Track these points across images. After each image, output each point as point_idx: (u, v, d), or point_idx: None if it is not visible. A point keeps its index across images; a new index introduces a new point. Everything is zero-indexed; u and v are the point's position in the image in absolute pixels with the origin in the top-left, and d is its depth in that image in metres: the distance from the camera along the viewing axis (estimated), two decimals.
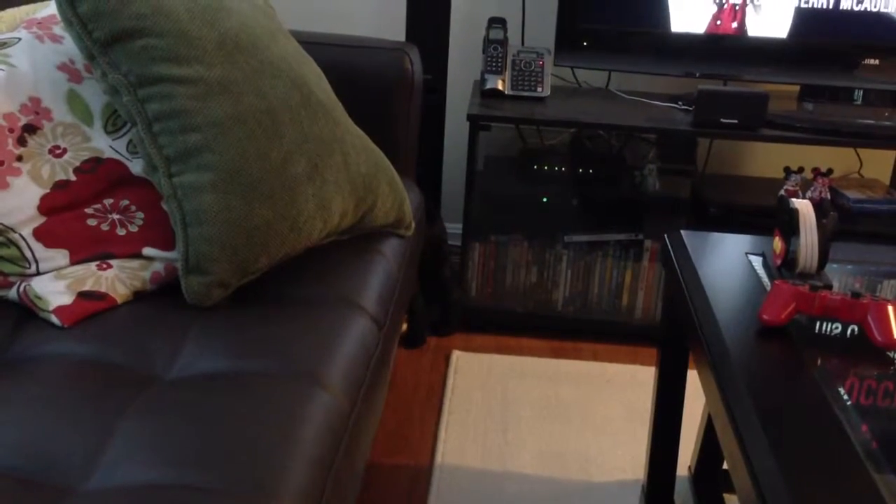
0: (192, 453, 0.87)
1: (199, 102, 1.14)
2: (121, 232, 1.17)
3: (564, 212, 2.17)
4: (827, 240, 1.15)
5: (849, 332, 1.06)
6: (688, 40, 2.07)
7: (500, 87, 2.08)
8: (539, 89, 2.10)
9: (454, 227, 2.25)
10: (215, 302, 1.15)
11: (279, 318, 1.14)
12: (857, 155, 2.31)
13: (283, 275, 1.24)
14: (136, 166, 1.20)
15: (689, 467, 1.56)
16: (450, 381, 1.88)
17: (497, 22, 2.09)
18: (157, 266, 1.17)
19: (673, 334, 1.37)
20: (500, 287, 2.14)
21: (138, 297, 1.15)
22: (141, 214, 1.18)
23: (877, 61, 2.06)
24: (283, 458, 0.88)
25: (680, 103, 2.10)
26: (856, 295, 1.02)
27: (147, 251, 1.17)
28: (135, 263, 1.16)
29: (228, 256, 1.13)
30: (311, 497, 0.87)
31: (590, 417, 1.78)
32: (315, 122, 1.27)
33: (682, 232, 1.34)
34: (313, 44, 1.51)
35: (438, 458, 1.62)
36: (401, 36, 2.01)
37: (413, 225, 1.52)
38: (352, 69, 1.61)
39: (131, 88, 1.14)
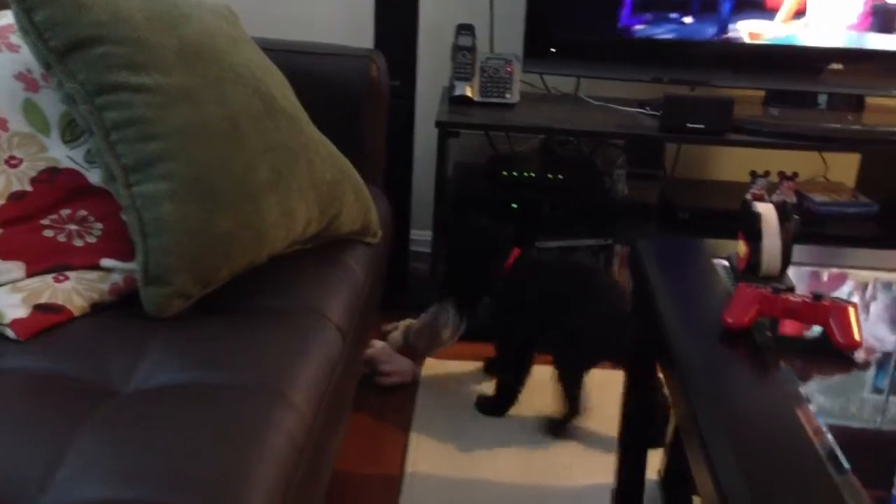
0: (150, 468, 0.85)
1: (159, 111, 1.12)
2: (78, 243, 1.15)
3: (535, 218, 2.17)
4: (790, 243, 1.16)
5: (811, 334, 1.06)
6: (655, 46, 2.09)
7: (468, 93, 2.08)
8: (508, 95, 2.10)
9: (424, 234, 2.25)
10: (176, 313, 1.13)
11: (242, 329, 1.12)
12: (823, 159, 2.33)
13: (246, 285, 1.22)
14: (94, 176, 1.18)
15: (659, 471, 1.56)
16: (420, 389, 1.87)
17: (465, 28, 2.09)
18: (116, 277, 1.15)
19: (641, 339, 1.37)
20: None
21: (97, 309, 1.13)
22: (99, 225, 1.17)
23: (841, 66, 2.08)
24: (244, 471, 0.87)
25: (647, 108, 2.11)
26: (817, 297, 1.03)
27: (105, 262, 1.15)
28: (93, 275, 1.14)
29: (189, 267, 1.12)
30: None
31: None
32: (278, 130, 1.26)
33: (650, 238, 1.35)
34: (277, 51, 1.49)
35: (409, 467, 1.61)
36: (368, 43, 2.00)
37: (379, 233, 1.51)
38: (317, 77, 1.60)
39: (88, 97, 1.12)
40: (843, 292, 1.22)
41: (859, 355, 1.01)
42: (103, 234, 1.16)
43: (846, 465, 0.80)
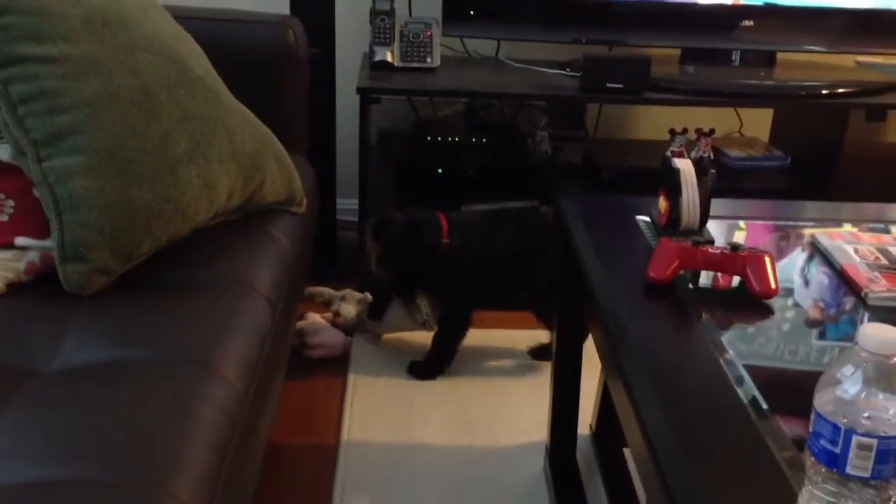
0: (78, 447, 0.83)
1: (67, 82, 1.08)
2: None
3: (461, 182, 2.18)
4: (707, 197, 1.19)
5: (730, 283, 1.09)
6: (573, 7, 2.10)
7: (389, 58, 2.06)
8: (428, 60, 2.09)
9: (350, 203, 2.23)
10: (97, 290, 1.10)
11: (167, 304, 1.10)
12: (738, 115, 2.39)
13: (170, 258, 1.20)
14: (3, 152, 1.13)
15: (590, 425, 1.59)
16: (353, 357, 1.87)
17: None
18: (32, 256, 1.12)
19: (569, 298, 1.39)
20: None
21: (13, 289, 1.10)
22: (11, 202, 1.13)
23: (752, 23, 2.13)
24: (175, 446, 0.86)
25: (568, 70, 2.12)
26: (735, 248, 1.06)
27: (20, 241, 1.12)
28: (7, 254, 1.11)
29: (108, 242, 1.09)
30: (206, 484, 0.85)
31: (494, 383, 1.80)
32: (195, 100, 1.23)
33: (574, 197, 1.36)
34: (190, 19, 1.45)
35: (344, 435, 1.61)
36: (284, 9, 1.96)
37: (305, 201, 1.50)
38: (233, 45, 1.56)
39: None
40: (759, 242, 1.25)
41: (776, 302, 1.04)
42: (15, 211, 1.12)
43: (767, 408, 0.83)
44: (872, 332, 0.59)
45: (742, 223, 1.33)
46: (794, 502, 0.67)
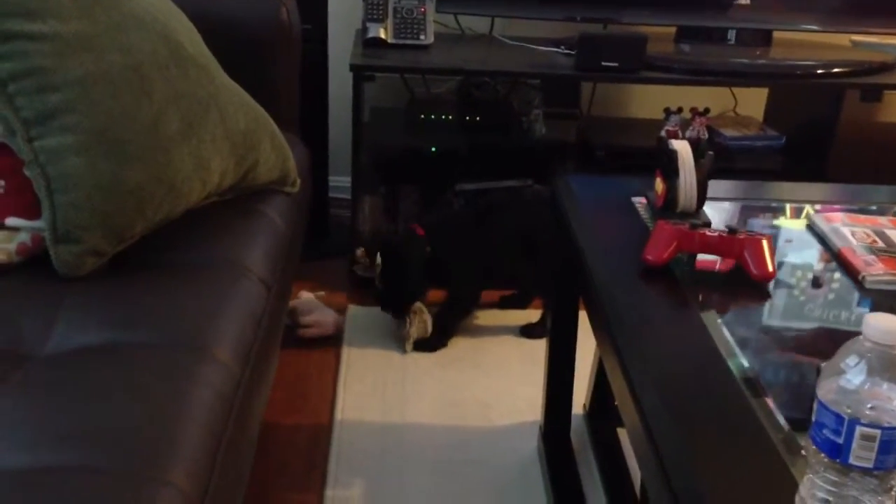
0: (71, 432, 0.83)
1: (57, 60, 1.06)
2: None
3: (454, 161, 2.16)
4: (705, 179, 1.18)
5: (727, 266, 1.09)
6: None
7: (382, 35, 2.04)
8: (422, 37, 2.07)
9: (343, 180, 2.22)
10: (90, 271, 1.09)
11: (160, 286, 1.09)
12: (732, 93, 2.38)
13: (163, 239, 1.19)
14: None
15: (584, 405, 1.60)
16: (346, 336, 1.86)
17: None
18: (23, 237, 1.10)
19: (563, 278, 1.39)
20: None
21: (3, 270, 1.09)
22: (2, 182, 1.11)
23: (748, 1, 2.11)
24: (171, 429, 0.85)
25: (562, 48, 2.10)
26: (732, 231, 1.05)
27: (10, 221, 1.10)
28: None
29: (100, 223, 1.07)
30: (203, 467, 0.85)
31: (487, 363, 1.80)
32: (187, 78, 1.21)
33: (569, 177, 1.35)
34: None
35: (338, 415, 1.61)
36: None
37: (298, 181, 1.48)
38: (225, 21, 1.54)
39: None
40: (756, 225, 1.25)
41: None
42: (6, 191, 1.11)
43: (763, 390, 0.83)
44: (877, 322, 0.59)
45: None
46: (788, 481, 0.68)
